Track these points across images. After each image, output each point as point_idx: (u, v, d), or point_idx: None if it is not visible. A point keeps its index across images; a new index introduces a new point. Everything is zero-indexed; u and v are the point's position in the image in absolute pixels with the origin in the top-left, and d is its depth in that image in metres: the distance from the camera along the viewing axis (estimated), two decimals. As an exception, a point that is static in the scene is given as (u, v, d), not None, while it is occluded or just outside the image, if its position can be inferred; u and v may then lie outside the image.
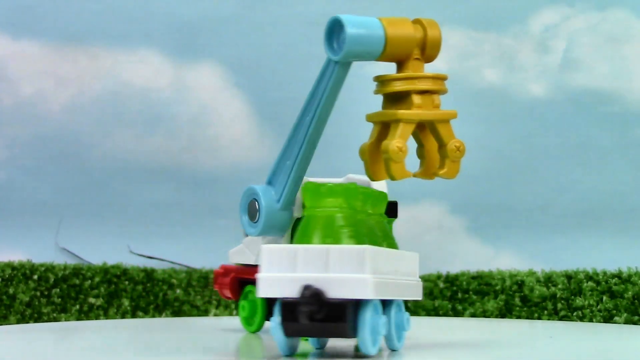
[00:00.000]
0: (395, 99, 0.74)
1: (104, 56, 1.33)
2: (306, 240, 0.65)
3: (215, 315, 1.22)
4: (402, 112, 0.72)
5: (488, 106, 1.30)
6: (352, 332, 0.61)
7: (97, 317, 1.18)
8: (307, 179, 0.72)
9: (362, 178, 0.73)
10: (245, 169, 1.31)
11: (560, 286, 1.15)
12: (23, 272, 1.19)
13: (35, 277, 1.19)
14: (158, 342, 0.77)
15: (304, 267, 0.61)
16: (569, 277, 1.17)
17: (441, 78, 0.75)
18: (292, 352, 0.64)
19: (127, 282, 1.22)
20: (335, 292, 0.60)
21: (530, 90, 1.30)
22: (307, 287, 0.60)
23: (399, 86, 0.74)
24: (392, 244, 0.70)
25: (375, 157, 0.71)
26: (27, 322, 1.15)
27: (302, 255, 0.62)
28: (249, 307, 0.84)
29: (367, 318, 0.61)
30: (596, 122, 1.28)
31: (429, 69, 0.77)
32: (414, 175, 0.73)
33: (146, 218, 1.31)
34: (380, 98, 0.76)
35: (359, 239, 0.65)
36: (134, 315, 1.20)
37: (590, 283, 1.14)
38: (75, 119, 1.33)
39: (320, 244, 0.64)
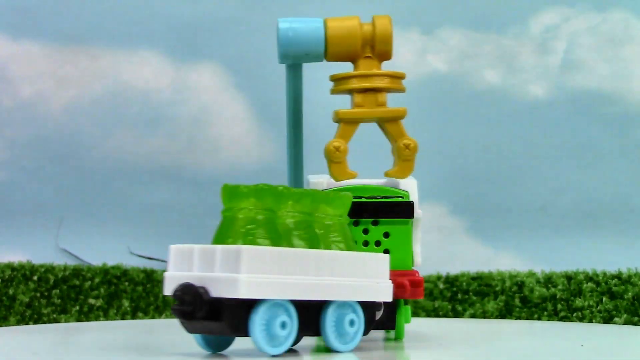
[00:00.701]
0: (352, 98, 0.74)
1: (104, 57, 1.33)
2: (215, 240, 0.66)
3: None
4: (341, 112, 0.72)
5: (488, 107, 1.30)
6: (234, 330, 0.63)
7: (97, 318, 1.18)
8: (350, 182, 0.74)
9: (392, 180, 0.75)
10: (245, 169, 1.31)
11: (560, 287, 1.15)
12: (23, 273, 1.19)
13: (35, 278, 1.19)
14: (158, 343, 0.77)
15: (197, 267, 0.64)
16: (569, 277, 1.17)
17: (389, 76, 0.74)
18: (217, 348, 0.67)
19: (127, 283, 1.22)
20: (216, 291, 0.62)
21: (530, 91, 1.30)
22: (184, 286, 0.62)
23: (340, 86, 0.74)
24: (334, 245, 0.69)
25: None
26: (27, 323, 1.15)
27: (196, 255, 0.64)
28: None
29: (257, 317, 0.62)
30: (596, 123, 1.28)
31: (388, 66, 0.76)
32: (387, 174, 0.74)
33: (146, 219, 1.31)
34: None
35: (270, 239, 0.66)
36: (134, 316, 1.20)
37: (590, 284, 1.14)
38: (75, 120, 1.33)
39: (221, 244, 0.65)
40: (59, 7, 1.32)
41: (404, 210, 0.74)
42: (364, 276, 0.68)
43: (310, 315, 0.67)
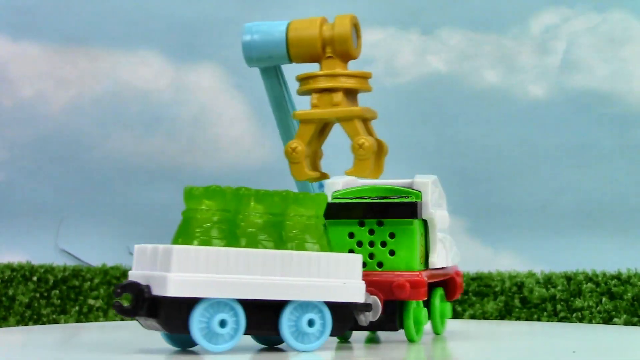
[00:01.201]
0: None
1: (104, 57, 1.33)
2: (173, 240, 0.69)
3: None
4: (297, 113, 0.73)
5: (488, 107, 1.30)
6: (174, 328, 0.65)
7: (96, 319, 1.18)
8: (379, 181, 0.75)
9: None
10: (245, 169, 1.31)
11: (559, 287, 1.15)
12: (22, 274, 1.19)
13: (35, 278, 1.19)
14: (157, 342, 0.77)
15: (147, 266, 0.66)
16: (568, 278, 1.17)
17: (347, 75, 0.74)
18: (182, 345, 0.69)
19: (126, 284, 1.22)
20: (154, 289, 0.64)
21: (530, 92, 1.30)
22: (127, 284, 0.65)
23: (302, 86, 0.74)
24: (306, 244, 0.69)
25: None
26: (27, 324, 1.15)
27: (148, 254, 0.67)
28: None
29: (195, 315, 0.64)
30: (596, 123, 1.28)
31: (354, 66, 0.76)
32: (346, 173, 0.74)
33: (146, 219, 1.31)
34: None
35: (225, 239, 0.67)
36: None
37: (589, 284, 1.14)
38: (75, 120, 1.33)
39: (173, 244, 0.67)
40: (58, 8, 1.32)
41: (407, 210, 0.74)
42: (327, 276, 0.68)
43: (265, 314, 0.67)
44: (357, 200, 0.74)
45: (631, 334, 0.90)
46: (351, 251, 0.75)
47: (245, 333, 0.67)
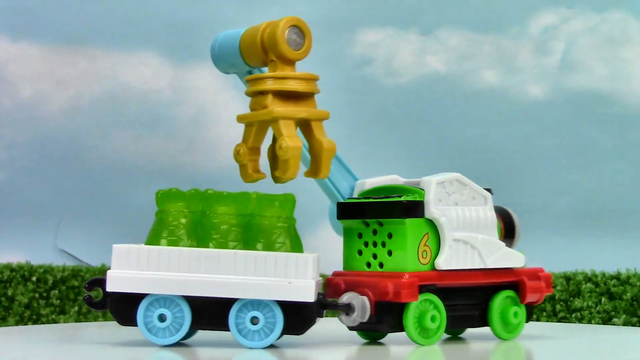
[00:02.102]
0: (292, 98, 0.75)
1: (103, 58, 1.33)
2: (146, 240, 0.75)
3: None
4: (238, 116, 0.73)
5: (487, 107, 1.30)
6: (124, 321, 0.71)
7: (95, 319, 1.18)
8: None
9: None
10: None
11: (559, 287, 1.15)
12: (22, 274, 1.19)
13: (34, 278, 1.19)
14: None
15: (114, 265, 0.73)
16: (567, 278, 1.17)
17: (276, 78, 0.74)
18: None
19: (126, 284, 1.22)
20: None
21: (529, 92, 1.30)
22: (94, 280, 0.72)
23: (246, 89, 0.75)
24: (276, 244, 0.71)
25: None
26: (26, 324, 1.15)
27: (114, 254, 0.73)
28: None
29: (139, 310, 0.70)
30: (595, 123, 1.28)
31: (301, 67, 0.76)
32: (305, 175, 0.75)
33: (145, 219, 1.31)
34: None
35: (191, 238, 0.72)
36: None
37: (589, 284, 1.14)
38: (74, 121, 1.33)
39: (146, 244, 0.74)
40: (58, 8, 1.32)
41: (397, 210, 0.73)
42: (275, 276, 0.70)
43: (213, 311, 0.70)
44: (359, 200, 0.74)
45: (630, 334, 0.90)
46: (360, 252, 0.75)
47: (195, 328, 0.71)
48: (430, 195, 0.74)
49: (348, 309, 0.71)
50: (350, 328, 0.73)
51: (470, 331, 0.80)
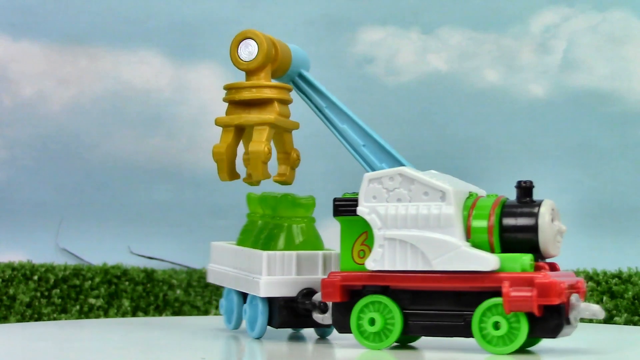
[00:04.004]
0: (248, 106, 0.78)
1: (104, 57, 1.33)
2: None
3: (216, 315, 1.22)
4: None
5: (488, 106, 1.30)
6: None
7: (97, 318, 1.18)
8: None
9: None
10: (244, 168, 1.31)
11: (560, 286, 1.15)
12: (23, 273, 1.19)
13: (36, 277, 1.19)
14: (157, 340, 0.77)
15: None
16: (569, 277, 1.16)
17: (233, 88, 0.78)
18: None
19: (127, 283, 1.22)
20: None
21: (530, 91, 1.30)
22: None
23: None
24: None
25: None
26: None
27: None
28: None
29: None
30: (596, 122, 1.28)
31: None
32: (243, 180, 0.78)
33: (146, 218, 1.31)
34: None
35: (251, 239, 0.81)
36: (134, 316, 1.20)
37: (590, 283, 1.14)
38: (75, 120, 1.33)
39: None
40: (59, 7, 1.32)
41: (335, 208, 0.74)
42: (247, 270, 0.78)
43: None
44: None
45: (632, 333, 0.90)
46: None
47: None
48: (362, 192, 0.71)
49: (323, 307, 0.72)
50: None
51: (459, 341, 0.72)
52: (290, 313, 0.76)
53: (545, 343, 0.74)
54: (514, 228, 0.69)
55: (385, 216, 0.70)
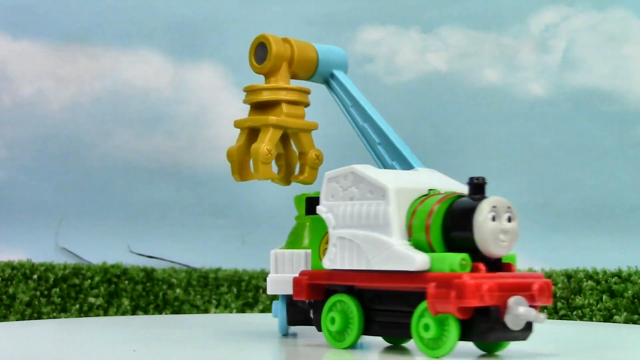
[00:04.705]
0: (263, 107, 0.79)
1: (104, 56, 1.34)
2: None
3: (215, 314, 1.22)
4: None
5: (488, 105, 1.30)
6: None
7: (97, 317, 1.18)
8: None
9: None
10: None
11: (560, 285, 1.15)
12: (23, 272, 1.19)
13: (35, 276, 1.19)
14: (157, 338, 0.77)
15: None
16: (568, 276, 1.17)
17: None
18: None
19: (127, 282, 1.22)
20: None
21: (530, 90, 1.30)
22: None
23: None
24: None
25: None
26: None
27: None
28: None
29: None
30: (596, 121, 1.28)
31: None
32: (272, 180, 0.78)
33: (146, 218, 1.31)
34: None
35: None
36: (133, 315, 1.20)
37: (590, 282, 1.14)
38: (75, 119, 1.33)
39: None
40: (58, 6, 1.32)
41: (306, 207, 0.75)
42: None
43: None
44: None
45: (631, 332, 0.90)
46: None
47: None
48: (322, 191, 0.71)
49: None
50: None
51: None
52: (296, 310, 0.78)
53: (545, 343, 0.74)
54: (454, 226, 0.65)
55: (338, 215, 0.69)
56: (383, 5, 1.32)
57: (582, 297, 1.13)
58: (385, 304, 0.68)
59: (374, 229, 0.67)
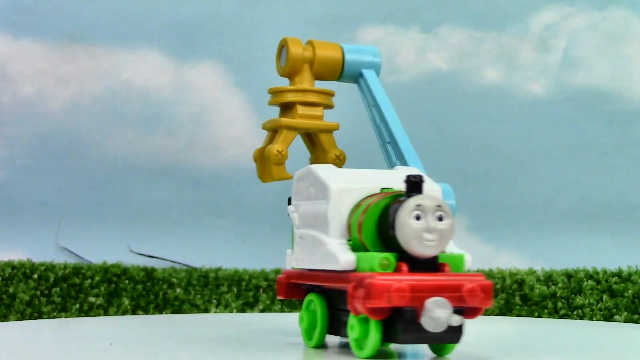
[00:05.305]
0: (286, 109, 0.80)
1: (104, 55, 1.34)
2: None
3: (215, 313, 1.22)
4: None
5: (488, 105, 1.30)
6: None
7: (97, 316, 1.18)
8: None
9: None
10: (245, 168, 1.31)
11: (560, 285, 1.15)
12: (23, 272, 1.19)
13: (36, 276, 1.19)
14: (157, 337, 0.77)
15: None
16: (569, 275, 1.17)
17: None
18: None
19: (127, 281, 1.22)
20: None
21: (530, 89, 1.30)
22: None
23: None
24: None
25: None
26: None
27: None
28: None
29: None
30: (596, 121, 1.28)
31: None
32: (288, 180, 0.78)
33: (146, 217, 1.31)
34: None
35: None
36: (134, 314, 1.20)
37: (590, 282, 1.14)
38: (75, 119, 1.33)
39: None
40: (59, 6, 1.32)
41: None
42: None
43: None
44: None
45: (632, 332, 0.90)
46: None
47: None
48: (292, 191, 0.71)
49: None
50: None
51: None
52: None
53: (544, 343, 0.74)
54: (383, 226, 0.63)
55: (300, 214, 0.69)
56: (383, 4, 1.32)
57: (582, 296, 1.13)
58: (341, 304, 0.67)
59: (318, 228, 0.67)
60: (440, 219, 0.63)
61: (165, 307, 1.22)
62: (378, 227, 0.63)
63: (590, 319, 1.11)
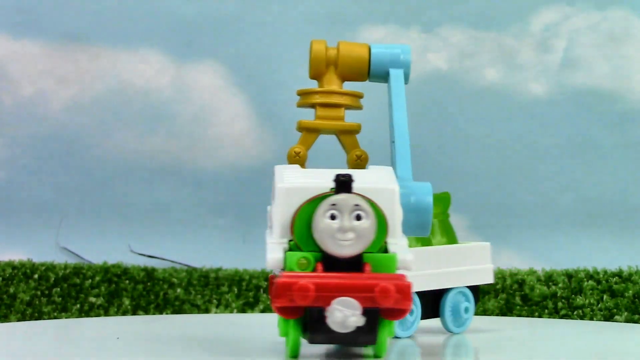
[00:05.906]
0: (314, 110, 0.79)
1: (105, 56, 1.34)
2: None
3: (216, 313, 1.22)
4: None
5: (488, 105, 1.30)
6: None
7: (97, 317, 1.18)
8: None
9: None
10: (245, 168, 1.31)
11: (560, 285, 1.15)
12: (23, 272, 1.19)
13: (36, 276, 1.19)
14: (157, 336, 0.77)
15: None
16: (569, 276, 1.17)
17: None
18: None
19: (127, 282, 1.22)
20: None
21: (530, 90, 1.30)
22: None
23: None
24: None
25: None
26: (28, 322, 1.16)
27: None
28: None
29: None
30: (596, 121, 1.28)
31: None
32: None
33: (147, 217, 1.31)
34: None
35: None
36: (134, 315, 1.20)
37: (590, 282, 1.14)
38: (75, 119, 1.33)
39: None
40: (59, 5, 1.32)
41: None
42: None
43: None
44: None
45: (632, 332, 0.90)
46: None
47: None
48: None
49: None
50: None
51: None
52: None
53: (545, 343, 0.74)
54: (308, 225, 0.64)
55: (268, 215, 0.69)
56: (384, 4, 1.32)
57: (582, 296, 1.13)
58: None
59: (270, 228, 0.67)
60: (358, 218, 0.62)
61: (165, 307, 1.22)
62: (307, 226, 0.63)
63: (591, 319, 1.11)
